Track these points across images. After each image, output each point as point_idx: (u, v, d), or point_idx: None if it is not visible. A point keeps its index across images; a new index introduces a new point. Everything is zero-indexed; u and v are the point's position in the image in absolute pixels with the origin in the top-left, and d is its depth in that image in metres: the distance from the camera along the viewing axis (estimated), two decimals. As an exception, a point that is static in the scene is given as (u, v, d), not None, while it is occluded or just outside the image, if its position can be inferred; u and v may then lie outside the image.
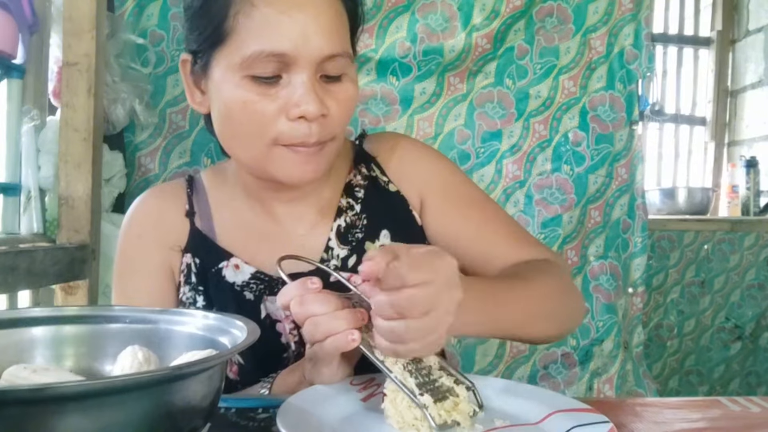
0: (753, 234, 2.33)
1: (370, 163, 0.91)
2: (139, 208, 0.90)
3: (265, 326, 0.82)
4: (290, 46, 0.71)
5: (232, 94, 0.74)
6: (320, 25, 0.73)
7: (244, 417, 0.62)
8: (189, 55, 0.80)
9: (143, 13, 1.49)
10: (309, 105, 0.72)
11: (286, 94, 0.73)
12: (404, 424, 0.57)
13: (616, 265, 1.77)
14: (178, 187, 0.91)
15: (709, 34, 3.06)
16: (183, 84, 0.85)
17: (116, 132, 1.45)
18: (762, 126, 2.81)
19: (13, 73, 1.29)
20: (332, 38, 0.74)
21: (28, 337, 0.58)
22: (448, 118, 1.71)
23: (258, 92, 0.73)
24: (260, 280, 0.83)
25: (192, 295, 0.84)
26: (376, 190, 0.90)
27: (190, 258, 0.85)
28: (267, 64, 0.72)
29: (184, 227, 0.87)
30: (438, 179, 0.91)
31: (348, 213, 0.88)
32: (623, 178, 1.78)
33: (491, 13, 1.66)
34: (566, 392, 1.70)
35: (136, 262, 0.87)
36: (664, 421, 0.64)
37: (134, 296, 0.86)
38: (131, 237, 0.88)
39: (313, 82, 0.73)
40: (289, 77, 0.73)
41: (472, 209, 0.90)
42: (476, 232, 0.87)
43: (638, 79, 1.77)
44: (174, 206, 0.88)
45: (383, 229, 0.87)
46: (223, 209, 0.88)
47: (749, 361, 2.38)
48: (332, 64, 0.74)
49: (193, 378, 0.45)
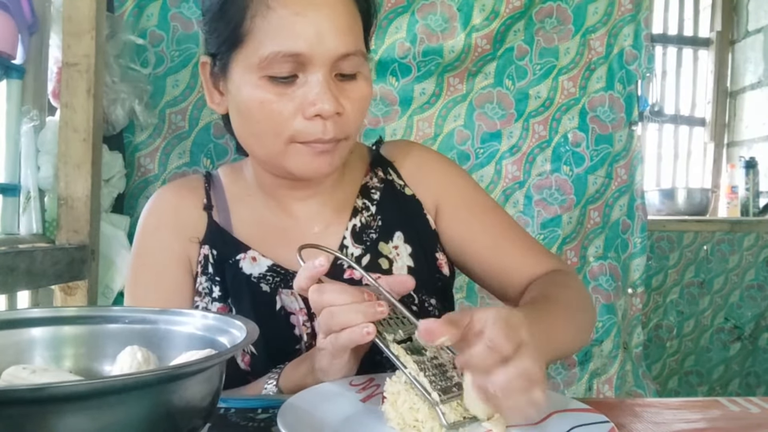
0: (752, 234, 2.33)
1: (386, 167, 0.94)
2: (157, 201, 0.92)
3: (280, 318, 0.83)
4: (305, 47, 0.73)
5: (251, 94, 0.76)
6: (334, 25, 0.75)
7: (243, 417, 0.62)
8: (208, 57, 0.83)
9: (143, 14, 1.49)
10: (325, 104, 0.74)
11: (302, 93, 0.75)
12: (405, 426, 0.57)
13: (616, 266, 1.77)
14: (196, 181, 0.93)
15: (708, 35, 3.06)
16: (202, 85, 0.89)
17: (116, 132, 1.45)
18: (761, 127, 2.81)
19: (13, 74, 1.29)
20: (346, 37, 0.76)
21: (27, 337, 0.58)
22: (447, 119, 1.71)
23: (275, 92, 0.75)
24: (276, 272, 0.85)
25: (208, 285, 0.86)
26: (392, 193, 0.92)
27: (208, 249, 0.87)
28: (283, 64, 0.74)
29: (201, 220, 0.89)
30: (454, 186, 0.94)
31: (363, 213, 0.90)
32: (623, 179, 1.78)
33: (491, 14, 1.66)
34: (565, 392, 1.70)
35: (154, 252, 0.88)
36: (664, 421, 0.64)
37: (150, 286, 0.87)
38: (149, 228, 0.89)
39: (328, 81, 0.75)
40: (305, 77, 0.75)
41: (489, 219, 0.92)
42: (494, 242, 0.90)
43: (638, 79, 1.77)
44: (192, 200, 0.90)
45: (397, 231, 0.90)
46: (240, 205, 0.90)
47: (749, 362, 2.38)
48: (347, 62, 0.76)
49: (192, 378, 0.45)
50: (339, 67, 0.76)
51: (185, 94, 1.51)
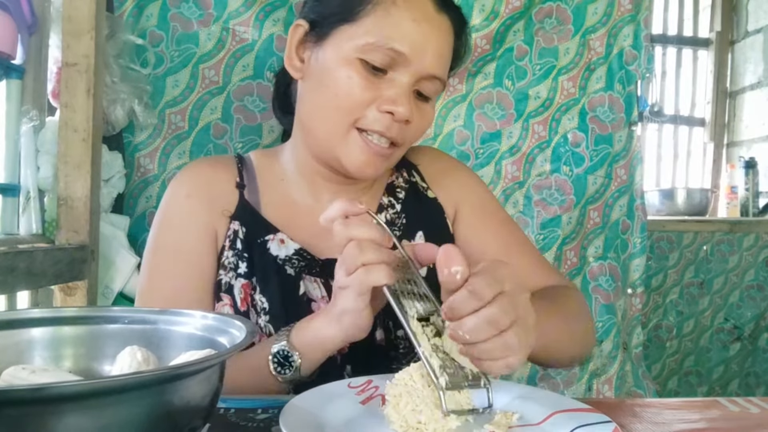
0: (752, 235, 2.33)
1: (411, 169, 0.99)
2: (191, 171, 0.93)
3: (302, 303, 0.85)
4: (410, 50, 0.79)
5: (342, 68, 0.80)
6: (438, 46, 0.82)
7: (243, 417, 0.62)
8: (306, 22, 0.86)
9: (142, 14, 1.49)
10: (403, 106, 0.79)
11: (385, 88, 0.80)
12: (408, 428, 0.57)
13: (616, 266, 1.77)
14: (229, 159, 0.96)
15: (708, 35, 3.06)
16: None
17: (115, 132, 1.45)
18: (761, 127, 2.81)
19: (12, 74, 1.29)
20: (441, 62, 0.83)
21: (26, 337, 0.58)
22: (447, 119, 1.71)
23: (363, 76, 0.79)
24: (302, 257, 0.86)
25: (235, 261, 0.86)
26: (416, 194, 0.96)
27: (238, 225, 0.88)
28: (383, 56, 0.79)
29: (233, 196, 0.90)
30: (474, 194, 0.99)
31: (389, 211, 0.93)
32: (622, 179, 1.78)
33: (490, 14, 1.66)
34: (565, 393, 1.70)
35: (182, 219, 0.88)
36: (664, 421, 0.64)
37: (170, 252, 0.87)
38: (179, 196, 0.90)
39: (411, 89, 0.81)
40: (394, 75, 0.80)
41: (503, 231, 0.96)
42: (505, 251, 0.93)
43: (637, 80, 1.77)
44: (225, 175, 0.92)
45: (419, 231, 0.93)
46: (271, 188, 0.92)
47: (748, 362, 2.37)
48: (429, 84, 0.83)
49: (192, 378, 0.45)
50: (421, 85, 0.82)
51: (185, 94, 1.51)
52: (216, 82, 1.52)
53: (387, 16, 0.79)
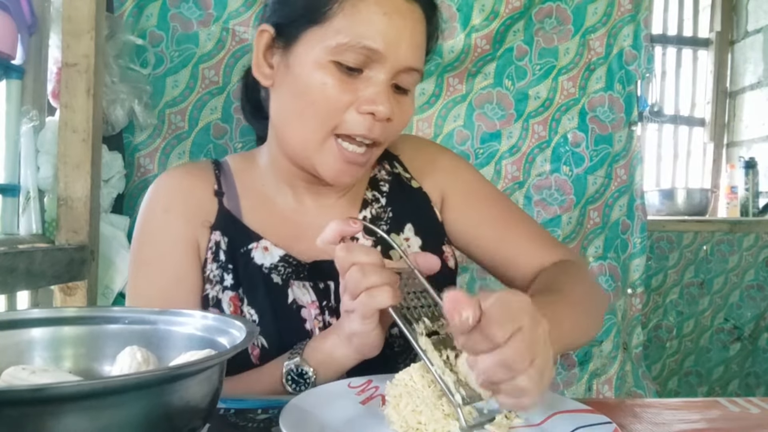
0: (752, 235, 2.33)
1: (393, 161, 0.95)
2: (166, 182, 0.89)
3: (291, 311, 0.82)
4: (384, 46, 0.75)
5: (314, 73, 0.77)
6: (413, 38, 0.78)
7: (243, 417, 0.62)
8: (271, 27, 0.82)
9: (142, 14, 1.49)
10: (383, 105, 0.76)
11: (362, 88, 0.77)
12: (408, 429, 0.57)
13: (615, 266, 1.77)
14: (205, 166, 0.92)
15: (708, 35, 3.06)
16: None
17: (115, 133, 1.45)
18: (761, 127, 2.81)
19: (12, 74, 1.29)
20: (416, 53, 0.79)
21: (26, 338, 0.58)
22: (447, 119, 1.71)
23: (338, 78, 0.76)
24: (288, 263, 0.84)
25: (220, 273, 0.84)
26: (400, 186, 0.93)
27: (219, 236, 0.85)
28: (357, 55, 0.75)
29: (212, 205, 0.87)
30: (460, 178, 0.95)
31: (374, 205, 0.91)
32: (622, 179, 1.78)
33: (490, 14, 1.66)
34: (565, 393, 1.70)
35: (162, 235, 0.85)
36: (664, 422, 0.64)
37: (155, 270, 0.84)
38: (156, 211, 0.87)
39: (389, 85, 0.78)
40: (370, 74, 0.77)
41: (495, 210, 0.93)
42: (500, 233, 0.91)
43: (637, 80, 1.77)
44: (203, 184, 0.89)
45: (407, 223, 0.90)
46: (251, 193, 0.90)
47: (748, 362, 2.37)
48: (407, 76, 0.80)
49: (192, 378, 0.45)
50: (399, 78, 0.79)
51: (185, 94, 1.51)
52: (216, 83, 1.52)
53: (356, 13, 0.75)
